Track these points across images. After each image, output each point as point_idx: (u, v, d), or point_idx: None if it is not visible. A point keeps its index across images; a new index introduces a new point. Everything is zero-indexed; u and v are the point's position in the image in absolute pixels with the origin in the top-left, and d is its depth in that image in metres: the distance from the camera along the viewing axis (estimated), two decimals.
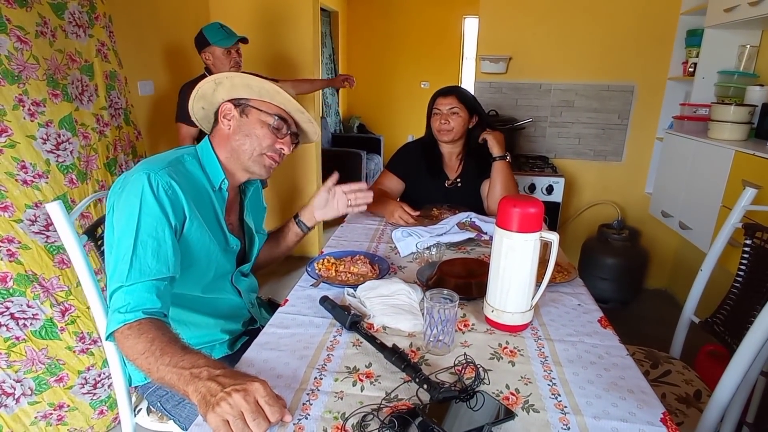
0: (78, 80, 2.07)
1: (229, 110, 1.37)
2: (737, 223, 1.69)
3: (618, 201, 3.72)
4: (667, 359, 1.80)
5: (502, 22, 3.53)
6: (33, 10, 1.87)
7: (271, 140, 1.38)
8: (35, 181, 1.88)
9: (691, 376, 1.71)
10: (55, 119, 1.94)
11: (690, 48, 3.12)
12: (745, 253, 1.64)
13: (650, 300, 3.67)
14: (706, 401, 1.55)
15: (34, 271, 1.89)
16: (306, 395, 0.99)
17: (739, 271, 1.66)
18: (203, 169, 1.36)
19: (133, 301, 1.09)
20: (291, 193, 4.18)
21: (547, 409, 0.97)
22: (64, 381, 2.01)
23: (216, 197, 1.37)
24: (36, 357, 1.93)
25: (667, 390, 1.62)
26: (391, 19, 6.80)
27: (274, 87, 1.34)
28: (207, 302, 1.41)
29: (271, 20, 3.71)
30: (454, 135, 2.18)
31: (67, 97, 2.00)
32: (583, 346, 1.21)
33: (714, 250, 1.76)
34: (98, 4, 2.21)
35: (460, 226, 1.96)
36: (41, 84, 1.89)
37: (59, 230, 1.27)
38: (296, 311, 1.35)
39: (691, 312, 1.83)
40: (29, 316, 1.90)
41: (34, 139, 1.87)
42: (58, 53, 1.97)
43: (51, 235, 1.92)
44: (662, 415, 0.96)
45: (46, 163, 1.91)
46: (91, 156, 2.11)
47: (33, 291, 1.89)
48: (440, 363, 1.12)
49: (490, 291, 1.28)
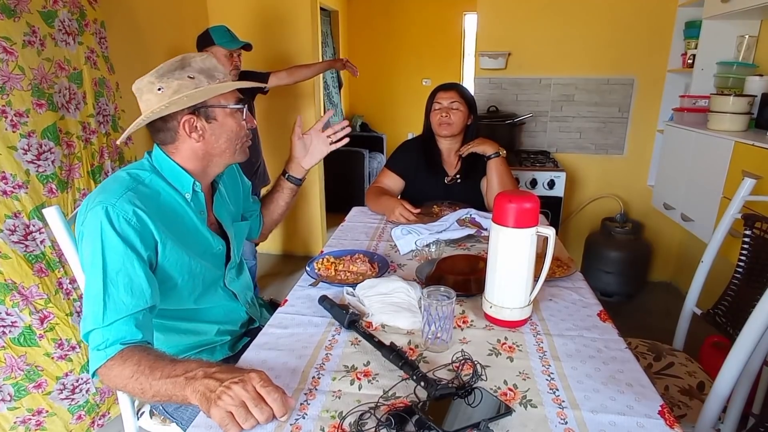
0: (66, 88, 2.08)
1: (194, 122, 1.25)
2: (737, 214, 1.69)
3: (620, 194, 3.71)
4: (670, 351, 1.80)
5: (501, 18, 3.53)
6: (21, 19, 1.88)
7: (242, 126, 1.33)
8: (15, 192, 1.89)
9: (694, 368, 1.71)
10: (37, 129, 1.95)
11: (689, 39, 3.11)
12: (745, 243, 1.64)
13: (655, 293, 3.67)
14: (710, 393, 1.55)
15: (13, 280, 1.90)
16: (304, 395, 1.00)
17: (739, 262, 1.65)
18: (166, 180, 1.28)
19: (112, 336, 1.06)
20: None
21: (545, 404, 0.97)
22: (43, 387, 2.03)
23: (193, 202, 1.31)
24: (15, 364, 1.95)
25: (671, 382, 1.62)
26: (391, 17, 6.78)
27: (221, 86, 1.25)
28: (202, 311, 1.41)
29: (270, 21, 3.72)
30: (454, 129, 2.18)
31: (53, 107, 2.01)
32: (582, 340, 1.21)
33: (714, 241, 1.76)
34: (88, 11, 2.21)
35: (460, 222, 1.96)
36: (25, 94, 1.90)
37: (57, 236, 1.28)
38: (295, 311, 1.35)
39: (693, 303, 1.83)
40: (8, 323, 1.92)
41: (15, 150, 1.88)
42: (46, 62, 1.98)
43: (30, 245, 1.94)
44: (660, 407, 0.96)
45: (26, 174, 1.92)
46: (74, 164, 2.13)
47: (12, 299, 1.91)
48: (439, 360, 1.12)
49: (488, 287, 1.28)
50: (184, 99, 1.20)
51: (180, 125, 1.24)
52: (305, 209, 4.21)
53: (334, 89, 6.44)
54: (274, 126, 3.90)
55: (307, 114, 3.92)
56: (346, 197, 5.00)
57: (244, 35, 2.89)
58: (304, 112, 3.91)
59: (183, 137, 1.26)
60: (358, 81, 7.18)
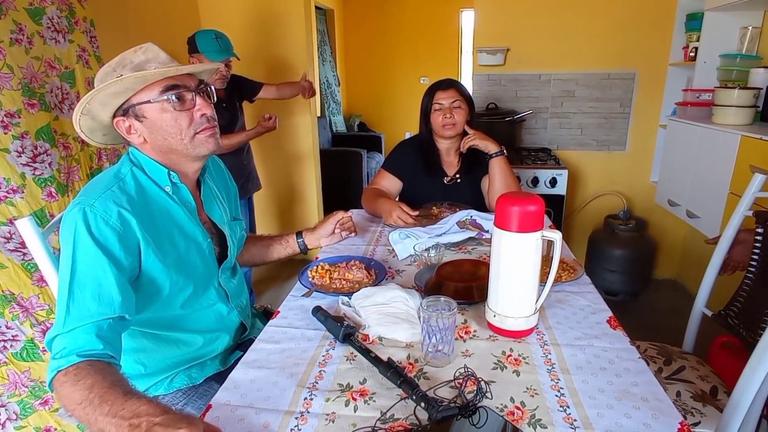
0: (57, 88, 2.02)
1: (125, 123, 1.19)
2: (747, 211, 1.62)
3: (623, 191, 3.64)
4: (680, 354, 1.73)
5: (499, 13, 3.46)
6: (7, 17, 1.81)
7: (188, 117, 1.20)
8: (9, 197, 1.82)
9: (706, 372, 1.65)
10: (31, 130, 1.88)
11: (690, 32, 3.04)
12: (757, 242, 1.56)
13: (660, 290, 3.60)
14: (723, 398, 1.49)
15: (11, 291, 1.83)
16: (294, 419, 0.93)
17: (751, 261, 1.58)
18: (147, 174, 1.23)
19: (69, 344, 1.00)
20: (290, 197, 4.11)
21: (556, 424, 0.90)
22: (49, 404, 1.96)
23: (175, 194, 1.25)
24: (19, 380, 1.88)
25: (682, 388, 1.55)
26: (387, 14, 6.74)
27: (136, 75, 1.13)
28: (189, 318, 1.33)
29: (263, 20, 3.64)
30: (458, 129, 2.13)
31: (45, 107, 1.94)
32: (592, 350, 1.14)
33: (724, 240, 1.70)
34: (78, 9, 2.15)
35: (460, 224, 1.89)
36: (15, 94, 1.83)
37: (30, 248, 1.21)
38: (287, 323, 1.28)
39: (702, 304, 1.77)
40: (9, 337, 1.84)
41: (8, 152, 1.81)
42: (35, 60, 1.92)
43: (28, 253, 1.85)
44: (679, 425, 0.89)
45: (22, 177, 1.85)
46: (73, 167, 2.06)
47: (12, 311, 1.84)
48: (440, 376, 1.05)
49: (491, 295, 1.21)
50: (84, 103, 1.14)
51: (115, 126, 1.20)
52: (302, 211, 4.14)
53: (336, 87, 6.40)
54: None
55: (304, 116, 3.85)
56: (344, 198, 4.92)
57: (236, 35, 2.83)
58: (301, 114, 3.83)
59: (132, 138, 1.21)
60: (355, 80, 7.15)
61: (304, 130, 3.90)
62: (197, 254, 1.29)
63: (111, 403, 0.89)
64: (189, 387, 1.35)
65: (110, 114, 1.19)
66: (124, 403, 0.89)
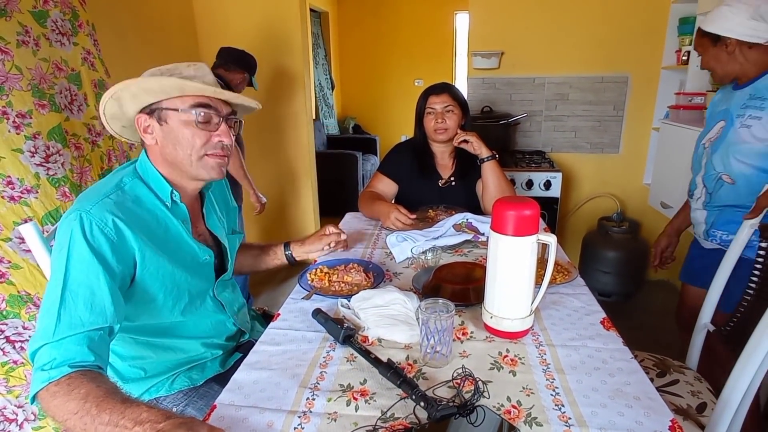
0: (66, 89, 2.02)
1: (146, 122, 1.21)
2: (755, 225, 1.53)
3: (617, 193, 3.68)
4: (679, 368, 1.67)
5: (493, 17, 3.49)
6: (13, 19, 1.82)
7: (205, 137, 1.22)
8: (23, 197, 1.82)
9: (702, 388, 1.57)
10: (43, 131, 1.88)
11: (683, 36, 3.08)
12: (760, 257, 1.48)
13: (653, 291, 3.64)
14: (710, 415, 1.38)
15: (27, 291, 1.83)
16: (297, 418, 0.95)
17: (752, 277, 1.50)
18: (149, 187, 1.24)
19: (60, 355, 0.97)
20: (283, 201, 4.11)
21: (551, 422, 0.93)
22: None
23: (174, 212, 1.26)
24: None
25: (668, 399, 1.46)
26: (381, 17, 6.76)
27: (175, 81, 1.16)
28: (187, 325, 1.34)
29: (258, 23, 3.65)
30: (451, 134, 2.14)
31: (55, 107, 1.94)
32: (586, 350, 1.17)
33: (730, 257, 1.60)
34: (80, 12, 2.15)
35: (456, 227, 1.91)
36: (26, 94, 1.83)
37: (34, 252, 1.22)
38: (288, 326, 1.31)
39: (708, 319, 1.68)
40: (26, 338, 1.84)
41: (21, 152, 1.81)
42: (42, 62, 1.92)
43: None
44: (670, 422, 0.92)
45: (36, 177, 1.85)
46: (85, 167, 2.05)
47: (28, 312, 1.83)
48: (438, 376, 1.08)
49: (487, 297, 1.24)
50: (119, 87, 1.16)
51: (135, 122, 1.22)
52: (298, 214, 4.14)
53: (328, 90, 6.40)
54: (265, 131, 3.84)
55: (300, 116, 3.86)
56: (339, 201, 4.94)
57: (231, 38, 2.85)
58: (297, 116, 3.85)
59: (146, 137, 1.23)
60: (350, 82, 7.16)
61: (299, 133, 3.90)
62: (191, 266, 1.30)
63: (110, 411, 0.88)
64: (190, 388, 1.36)
65: (137, 108, 1.21)
66: (123, 411, 0.88)
